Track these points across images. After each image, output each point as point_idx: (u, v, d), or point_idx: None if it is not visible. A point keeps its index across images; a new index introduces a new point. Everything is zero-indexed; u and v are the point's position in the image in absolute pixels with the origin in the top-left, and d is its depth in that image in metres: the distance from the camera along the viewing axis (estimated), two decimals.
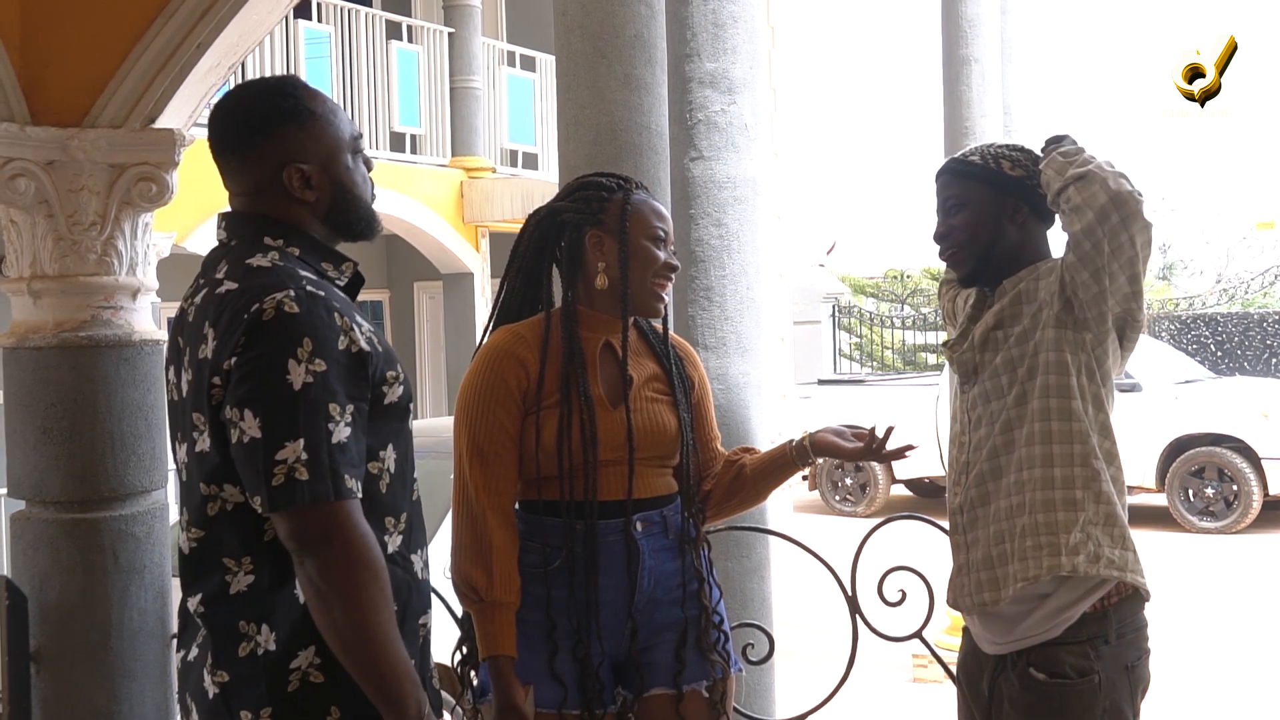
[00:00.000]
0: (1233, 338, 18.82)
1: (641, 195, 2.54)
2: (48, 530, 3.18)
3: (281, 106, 2.04)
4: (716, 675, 2.54)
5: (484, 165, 11.70)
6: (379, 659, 1.84)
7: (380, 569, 1.86)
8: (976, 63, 7.14)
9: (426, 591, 2.11)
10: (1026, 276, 2.51)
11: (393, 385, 1.99)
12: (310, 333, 1.86)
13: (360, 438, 1.90)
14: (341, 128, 2.08)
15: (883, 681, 6.73)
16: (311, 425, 1.84)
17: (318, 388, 1.84)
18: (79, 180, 3.17)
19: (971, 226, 2.53)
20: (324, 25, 10.47)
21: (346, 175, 2.07)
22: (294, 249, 2.02)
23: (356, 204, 2.09)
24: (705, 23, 4.42)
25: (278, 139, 2.03)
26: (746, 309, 4.40)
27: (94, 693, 3.16)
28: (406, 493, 2.06)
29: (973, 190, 2.54)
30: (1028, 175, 2.52)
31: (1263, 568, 10.21)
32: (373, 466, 1.96)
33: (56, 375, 3.15)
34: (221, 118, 2.07)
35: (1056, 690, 2.40)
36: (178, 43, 3.14)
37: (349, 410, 1.88)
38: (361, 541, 1.85)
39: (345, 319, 1.90)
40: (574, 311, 2.50)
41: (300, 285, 1.91)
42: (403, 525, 2.03)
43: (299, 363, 1.84)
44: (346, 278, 2.07)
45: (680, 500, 2.58)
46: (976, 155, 2.57)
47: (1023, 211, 2.53)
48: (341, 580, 1.83)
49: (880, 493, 13.68)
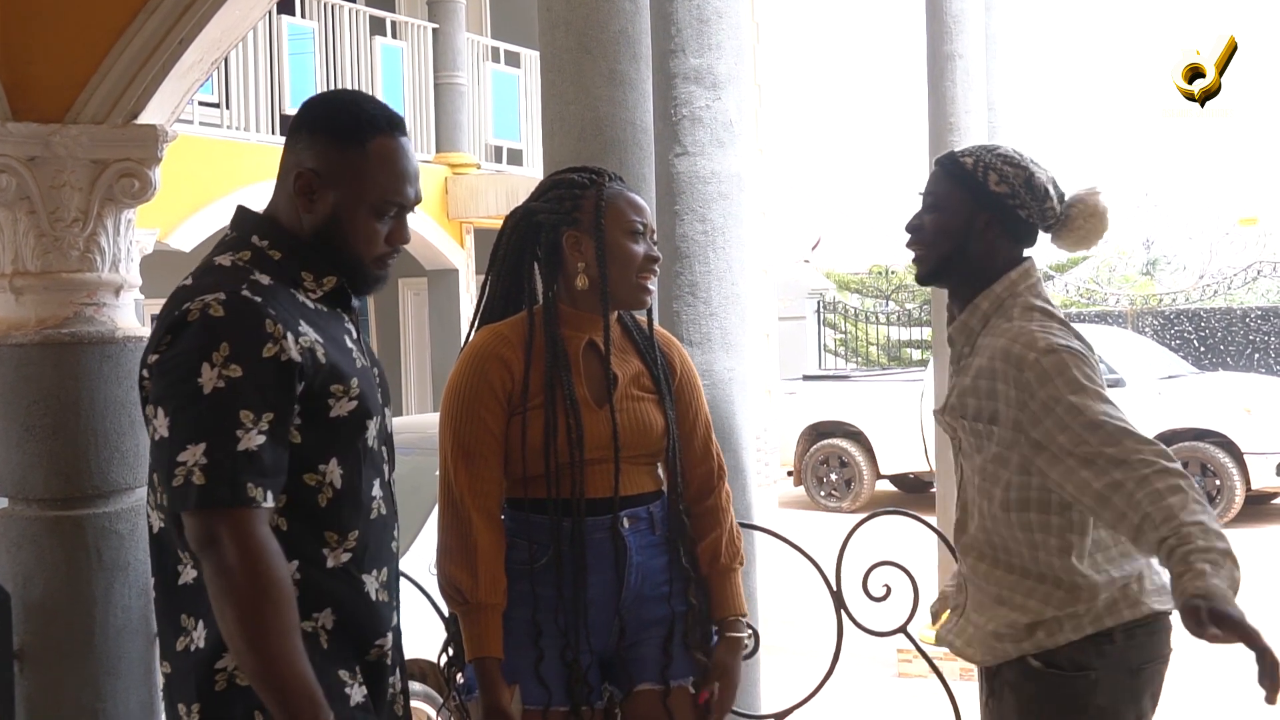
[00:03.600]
0: (1215, 333, 18.92)
1: (615, 189, 2.51)
2: (31, 528, 3.16)
3: (337, 123, 2.02)
4: (703, 673, 2.54)
5: (468, 161, 11.69)
6: (267, 671, 1.81)
7: (273, 581, 1.82)
8: (961, 58, 7.16)
9: (383, 614, 2.06)
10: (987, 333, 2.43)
11: (339, 399, 1.95)
12: (230, 337, 1.84)
13: (279, 447, 1.87)
14: (382, 178, 2.01)
15: (868, 676, 6.76)
16: (216, 430, 1.82)
17: (228, 393, 1.82)
18: (61, 176, 3.15)
19: (939, 230, 2.49)
20: (308, 21, 10.44)
21: (351, 219, 2.01)
22: (276, 252, 2.01)
23: (345, 249, 2.03)
24: (690, 18, 4.42)
25: (312, 143, 2.01)
26: (731, 305, 4.40)
27: (78, 691, 3.15)
28: (359, 511, 2.01)
29: (951, 194, 2.49)
30: (1011, 193, 2.44)
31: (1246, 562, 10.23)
32: (309, 478, 1.94)
33: (39, 372, 3.14)
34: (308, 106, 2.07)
35: (1048, 680, 2.38)
36: (160, 38, 3.12)
37: (266, 418, 1.85)
38: (255, 552, 1.81)
39: (280, 327, 1.87)
40: (555, 312, 2.49)
41: (237, 289, 1.89)
42: (351, 543, 1.99)
43: (212, 366, 1.83)
44: (323, 291, 2.03)
45: (667, 497, 2.58)
46: (970, 159, 2.50)
47: (994, 229, 2.46)
48: (229, 588, 1.81)
49: (865, 488, 13.72)
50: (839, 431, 13.85)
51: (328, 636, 1.97)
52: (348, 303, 2.09)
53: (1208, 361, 17.94)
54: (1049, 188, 2.48)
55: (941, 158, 2.57)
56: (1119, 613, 2.38)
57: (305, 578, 1.94)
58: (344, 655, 1.98)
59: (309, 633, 1.93)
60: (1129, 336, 15.19)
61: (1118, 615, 2.38)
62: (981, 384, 2.41)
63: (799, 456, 14.09)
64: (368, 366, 2.08)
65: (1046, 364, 2.30)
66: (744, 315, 4.49)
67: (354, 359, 2.03)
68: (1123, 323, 19.05)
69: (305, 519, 1.94)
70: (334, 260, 2.04)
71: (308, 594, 1.93)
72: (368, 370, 2.07)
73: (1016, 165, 2.47)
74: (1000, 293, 2.46)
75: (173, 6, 3.10)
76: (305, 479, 1.94)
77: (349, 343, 2.05)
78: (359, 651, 2.01)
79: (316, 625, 1.95)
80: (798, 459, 14.10)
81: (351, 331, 2.09)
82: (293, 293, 1.99)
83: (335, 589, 1.96)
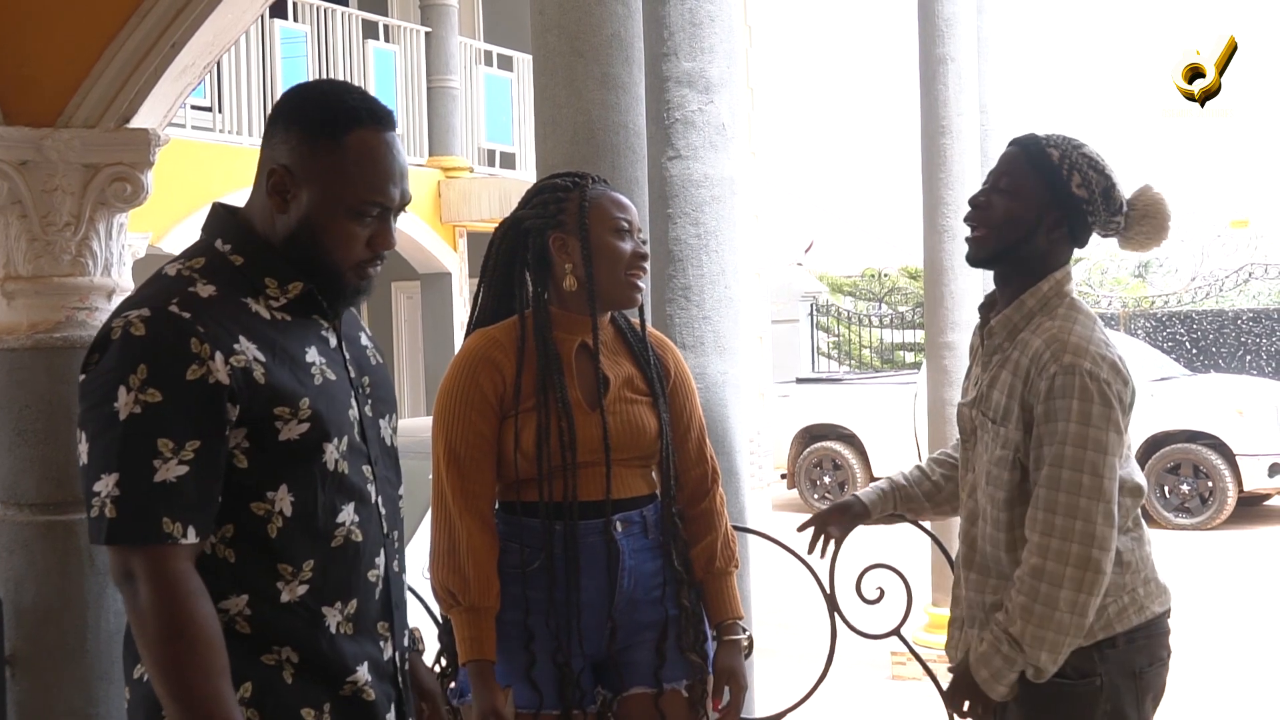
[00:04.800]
0: (1207, 335, 18.92)
1: (598, 189, 2.52)
2: (23, 533, 3.16)
3: (312, 114, 1.87)
4: (697, 675, 2.54)
5: (461, 165, 11.68)
6: (185, 713, 1.69)
7: (190, 621, 1.69)
8: (953, 61, 7.16)
9: (348, 650, 1.88)
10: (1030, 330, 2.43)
11: (287, 421, 1.80)
12: (149, 359, 1.71)
13: (207, 477, 1.73)
14: (358, 176, 1.84)
15: (862, 679, 6.75)
16: (129, 460, 1.69)
17: (146, 419, 1.69)
18: (53, 180, 3.14)
19: (1009, 217, 2.43)
20: (300, 24, 10.44)
21: (325, 220, 1.84)
22: (238, 257, 1.87)
23: (322, 254, 1.86)
24: (682, 22, 4.42)
25: (286, 138, 1.87)
26: (724, 308, 4.40)
27: (70, 696, 3.14)
28: (315, 540, 1.84)
29: (1029, 183, 2.43)
30: (1088, 199, 2.41)
31: (1238, 564, 10.27)
32: (257, 507, 1.80)
33: (31, 376, 3.13)
34: (286, 96, 1.93)
35: (1055, 689, 2.37)
36: (152, 42, 3.12)
37: (191, 446, 1.71)
38: (169, 591, 1.69)
39: (208, 346, 1.73)
40: (546, 316, 2.49)
41: (165, 305, 1.75)
42: (308, 574, 1.83)
43: (129, 390, 1.70)
44: (287, 298, 1.87)
45: (661, 500, 2.57)
46: (1056, 152, 2.42)
47: (1061, 229, 2.44)
48: (142, 628, 1.71)
49: (858, 491, 13.69)
50: (832, 434, 13.85)
51: (293, 671, 1.83)
52: (325, 310, 1.92)
53: (1200, 364, 17.94)
54: (1123, 202, 2.46)
55: (1024, 140, 2.49)
56: (1127, 619, 2.38)
57: (256, 614, 1.81)
58: (312, 692, 1.84)
59: (272, 666, 1.82)
60: (1121, 339, 15.21)
61: (1125, 621, 2.38)
62: (1010, 381, 2.40)
63: (792, 459, 14.09)
64: (339, 380, 1.90)
65: (1069, 382, 2.31)
66: (737, 318, 4.49)
67: (313, 375, 1.85)
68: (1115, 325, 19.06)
69: (255, 550, 1.80)
70: (309, 267, 1.87)
71: (262, 630, 1.81)
72: (334, 386, 1.89)
73: (1101, 172, 2.43)
74: (1047, 291, 2.45)
75: (165, 10, 3.10)
76: (253, 508, 1.80)
77: (316, 355, 1.88)
78: (331, 688, 1.86)
79: (280, 658, 1.83)
80: (791, 462, 14.10)
81: (329, 340, 1.92)
82: (246, 303, 1.83)
83: (291, 625, 1.82)
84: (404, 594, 2.05)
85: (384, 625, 1.95)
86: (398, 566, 2.01)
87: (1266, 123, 32.64)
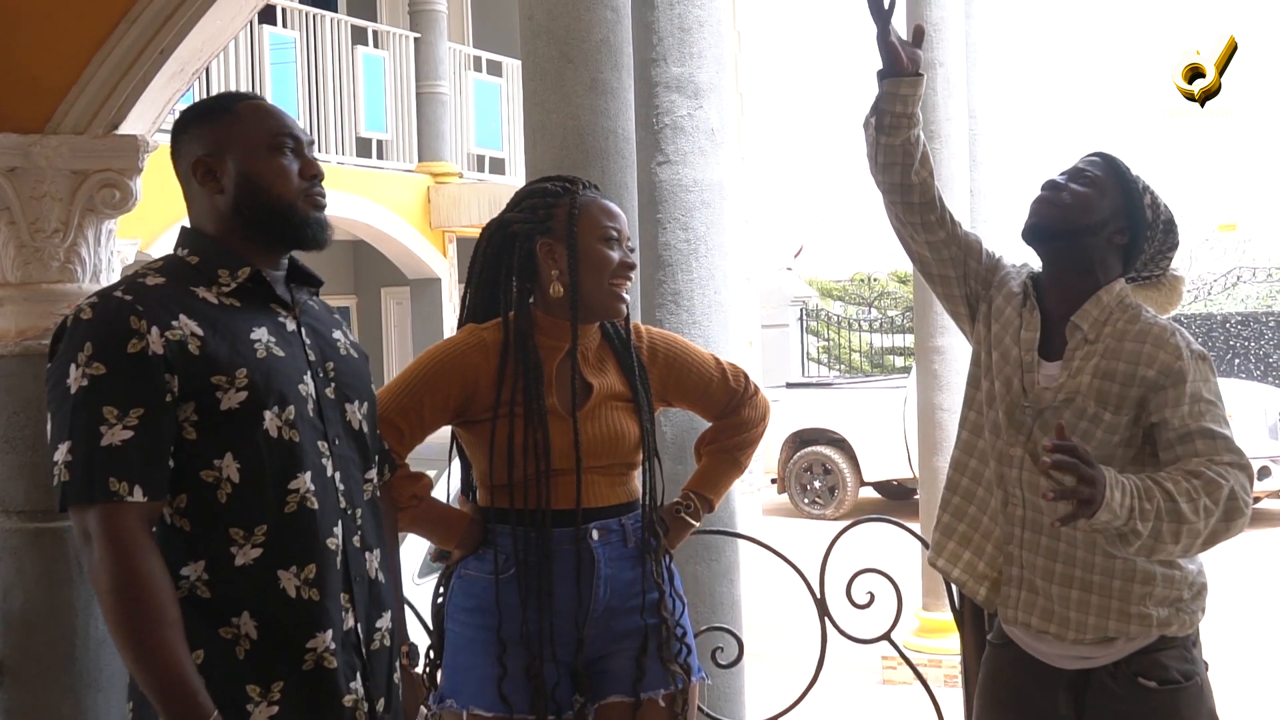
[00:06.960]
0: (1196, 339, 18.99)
1: (589, 196, 2.51)
2: (11, 540, 3.15)
3: (199, 108, 2.09)
4: (677, 685, 2.52)
5: (451, 170, 11.68)
6: (139, 665, 1.83)
7: (138, 574, 1.83)
8: (941, 66, 7.19)
9: (312, 613, 1.96)
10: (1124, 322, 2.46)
11: (227, 391, 1.92)
12: (94, 337, 1.88)
13: (153, 442, 1.87)
14: (262, 123, 2.07)
15: (852, 683, 6.76)
16: (79, 428, 1.85)
17: (92, 390, 1.86)
18: (41, 187, 3.14)
19: (1085, 202, 2.47)
20: (289, 31, 10.42)
21: (255, 167, 2.03)
22: (194, 258, 2.04)
23: (269, 199, 2.03)
24: (671, 27, 4.43)
25: (191, 136, 2.06)
26: (714, 313, 4.41)
27: (59, 704, 3.13)
28: (266, 506, 1.94)
29: (1110, 186, 2.50)
30: (1152, 224, 2.50)
31: (1229, 564, 10.28)
32: (206, 474, 1.92)
33: (19, 383, 3.12)
34: (179, 116, 2.12)
35: (1170, 696, 2.37)
36: (140, 48, 3.11)
37: (134, 414, 1.86)
38: (119, 546, 1.83)
39: (145, 322, 1.89)
40: (529, 322, 2.48)
41: (110, 292, 1.94)
42: (260, 538, 1.93)
43: (78, 366, 1.87)
44: (237, 283, 2.01)
45: (641, 509, 2.56)
46: (1134, 173, 2.54)
47: (1117, 241, 2.49)
48: (97, 584, 1.85)
49: (849, 495, 13.73)
50: (822, 439, 13.87)
51: (249, 646, 1.92)
52: (285, 300, 2.06)
53: None
54: (1177, 248, 2.57)
55: (1106, 154, 2.57)
56: (1198, 619, 2.45)
57: (214, 578, 1.92)
58: (263, 668, 1.92)
59: (227, 640, 1.91)
60: None
61: (1198, 620, 2.44)
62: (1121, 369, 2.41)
63: (782, 464, 14.11)
64: (289, 358, 2.01)
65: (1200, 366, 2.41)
66: (727, 323, 4.50)
67: (255, 349, 1.97)
68: None
69: (208, 517, 1.92)
70: (268, 227, 2.04)
71: (221, 597, 1.92)
72: (281, 362, 1.99)
73: (1167, 209, 2.54)
74: (1119, 292, 2.49)
75: (154, 16, 3.10)
76: (203, 475, 1.92)
77: (265, 335, 1.99)
78: (290, 661, 1.94)
79: (237, 633, 1.92)
80: (781, 466, 14.12)
81: (285, 325, 2.04)
82: (194, 290, 1.98)
83: (247, 587, 1.93)
84: (365, 571, 2.09)
85: (345, 596, 2.02)
86: (359, 543, 2.07)
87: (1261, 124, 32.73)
